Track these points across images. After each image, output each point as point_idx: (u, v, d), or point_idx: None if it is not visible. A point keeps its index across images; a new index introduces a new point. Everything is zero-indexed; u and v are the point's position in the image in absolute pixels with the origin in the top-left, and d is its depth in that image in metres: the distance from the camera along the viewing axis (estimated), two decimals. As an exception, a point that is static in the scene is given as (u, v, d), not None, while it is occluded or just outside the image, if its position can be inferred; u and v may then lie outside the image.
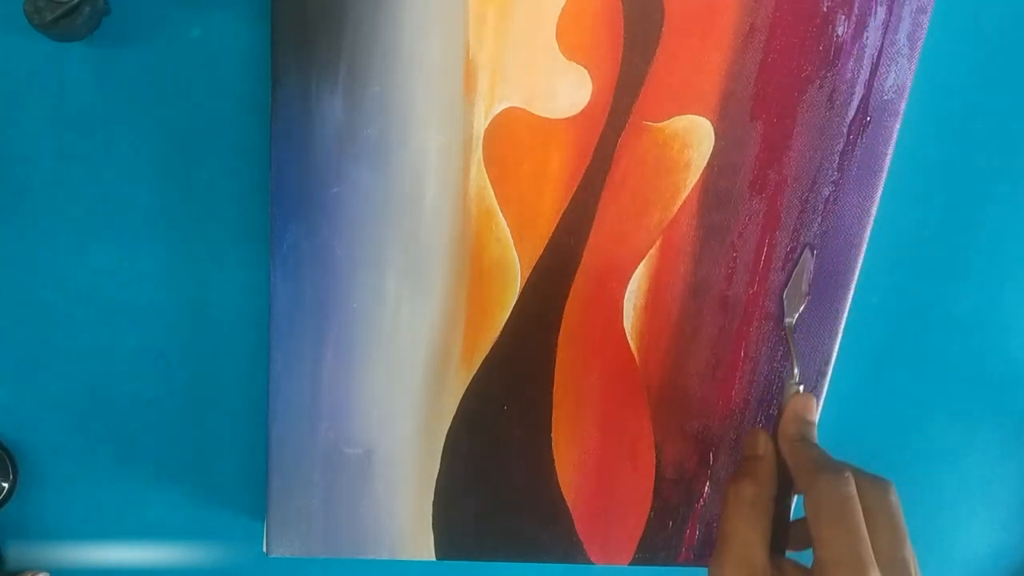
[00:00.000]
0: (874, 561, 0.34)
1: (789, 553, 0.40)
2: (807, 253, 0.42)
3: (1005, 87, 0.43)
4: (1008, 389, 0.50)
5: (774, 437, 0.40)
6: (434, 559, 0.46)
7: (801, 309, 0.43)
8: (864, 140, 0.40)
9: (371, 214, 0.39)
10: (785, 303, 0.42)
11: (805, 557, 0.37)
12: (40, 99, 0.38)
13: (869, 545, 0.34)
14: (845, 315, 0.43)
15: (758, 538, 0.37)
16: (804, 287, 0.42)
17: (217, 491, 0.46)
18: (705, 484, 0.46)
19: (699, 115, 0.39)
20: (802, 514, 0.37)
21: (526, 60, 0.37)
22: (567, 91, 0.38)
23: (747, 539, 0.37)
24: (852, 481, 0.35)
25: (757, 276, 0.42)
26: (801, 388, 0.41)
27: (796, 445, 0.39)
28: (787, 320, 0.43)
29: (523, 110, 0.38)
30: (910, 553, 0.35)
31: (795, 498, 0.41)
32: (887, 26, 0.39)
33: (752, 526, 0.37)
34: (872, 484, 0.36)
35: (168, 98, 0.38)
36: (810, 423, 0.40)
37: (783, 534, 0.40)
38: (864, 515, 0.35)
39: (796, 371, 0.42)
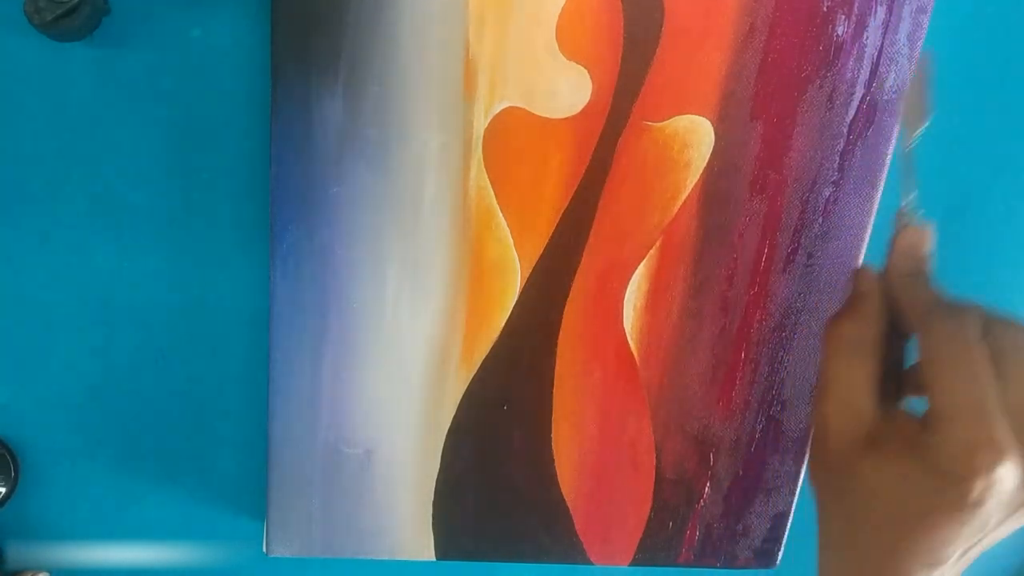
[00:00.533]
0: (997, 411, 0.30)
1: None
2: (923, 56, 0.36)
3: (1005, 87, 0.43)
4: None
5: (884, 274, 0.36)
6: (434, 559, 0.46)
7: (923, 128, 0.36)
8: (864, 140, 0.40)
9: (371, 214, 0.39)
10: (903, 118, 0.37)
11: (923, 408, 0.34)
12: (40, 99, 0.38)
13: (992, 393, 0.30)
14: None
15: (862, 381, 0.34)
16: (926, 100, 0.36)
17: (217, 491, 0.46)
18: (705, 484, 0.46)
19: (699, 115, 0.39)
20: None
21: (526, 60, 0.37)
22: (567, 91, 0.38)
23: (850, 383, 0.34)
24: (977, 322, 0.31)
25: (757, 276, 0.42)
26: (916, 219, 0.36)
27: (908, 282, 0.35)
28: (905, 140, 0.37)
29: (523, 110, 0.38)
30: None
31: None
32: (887, 26, 0.39)
33: (855, 368, 0.34)
34: (1005, 327, 0.31)
35: (168, 98, 0.38)
36: (925, 259, 0.36)
37: (896, 381, 0.35)
38: (995, 361, 0.31)
39: (912, 198, 0.36)
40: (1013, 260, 0.47)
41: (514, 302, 0.41)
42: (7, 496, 0.44)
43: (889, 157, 0.41)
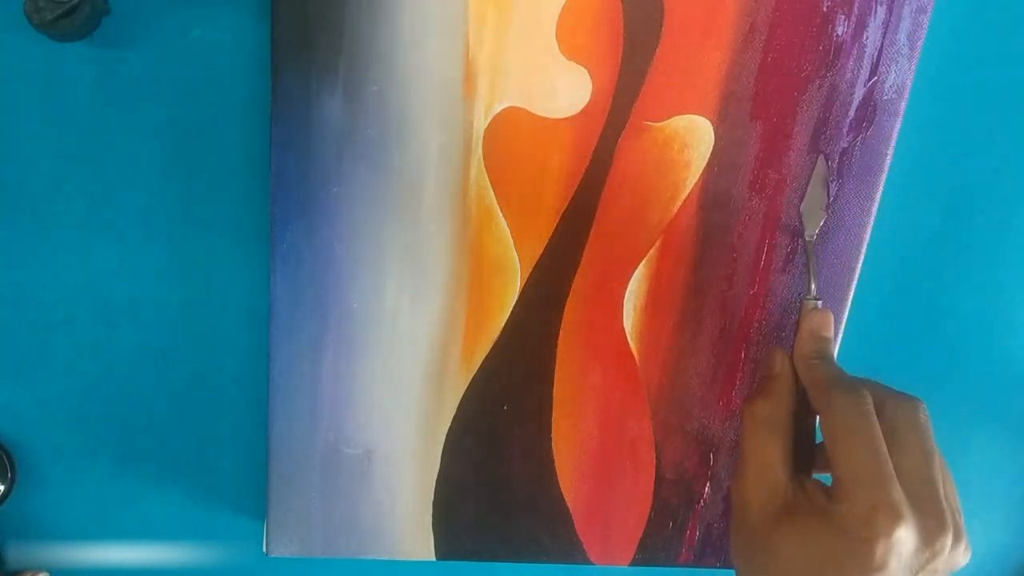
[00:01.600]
0: (894, 477, 0.32)
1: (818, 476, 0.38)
2: (820, 160, 0.39)
3: (1005, 87, 0.43)
4: (1008, 389, 0.50)
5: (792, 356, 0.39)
6: (434, 559, 0.46)
7: (822, 223, 0.40)
8: (864, 140, 0.40)
9: (371, 214, 0.39)
10: (804, 217, 0.40)
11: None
12: (40, 99, 0.38)
13: (888, 461, 0.32)
14: (845, 315, 0.43)
15: (776, 456, 0.36)
16: (823, 199, 0.40)
17: (217, 491, 0.46)
18: (705, 484, 0.46)
19: (699, 115, 0.39)
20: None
21: (526, 60, 0.37)
22: (567, 91, 0.38)
23: (765, 458, 0.36)
24: (868, 398, 0.34)
25: (757, 276, 0.42)
26: (819, 304, 0.39)
27: (812, 363, 0.38)
28: (807, 235, 0.40)
29: (523, 110, 0.38)
30: (939, 472, 0.34)
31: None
32: (887, 26, 0.39)
33: (769, 444, 0.36)
34: (898, 401, 0.34)
35: (168, 98, 0.38)
36: (827, 340, 0.39)
37: (807, 455, 0.38)
38: (889, 434, 0.33)
39: (813, 287, 0.40)
40: (1013, 260, 0.47)
41: (514, 302, 0.41)
42: (4, 495, 0.44)
43: (889, 157, 0.41)
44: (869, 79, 0.39)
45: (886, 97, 0.40)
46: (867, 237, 0.42)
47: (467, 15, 0.36)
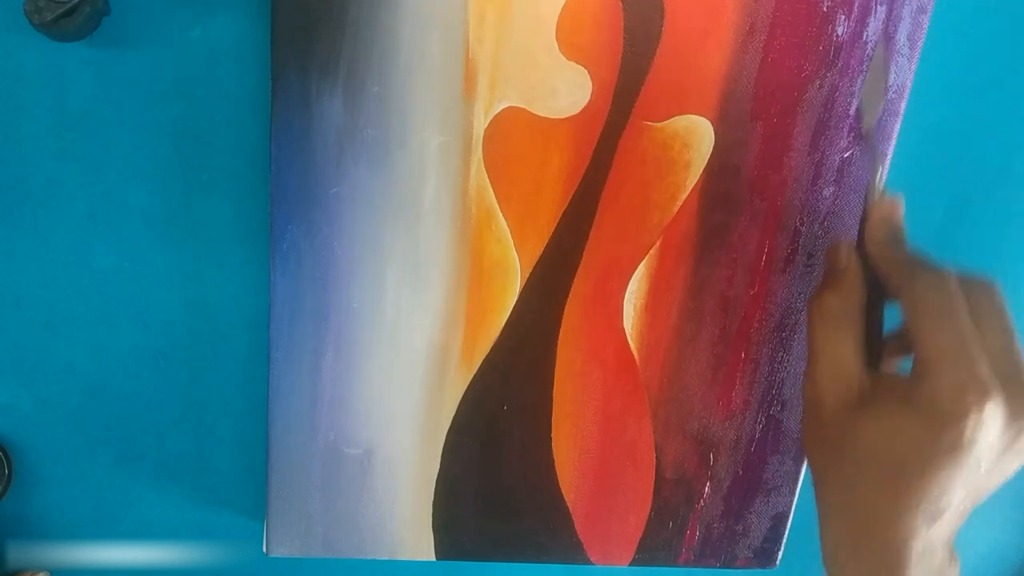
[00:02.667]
0: (982, 354, 0.32)
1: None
2: (879, 50, 0.39)
3: (1005, 87, 0.43)
4: (1008, 389, 0.50)
5: (860, 245, 0.38)
6: (434, 559, 0.46)
7: (881, 107, 0.39)
8: (864, 140, 0.40)
9: (371, 214, 0.39)
10: (862, 104, 0.39)
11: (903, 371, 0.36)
12: (40, 99, 0.38)
13: (975, 339, 0.32)
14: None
15: (849, 350, 0.35)
16: (882, 84, 0.39)
17: (217, 491, 0.46)
18: (705, 484, 0.46)
19: (699, 115, 0.39)
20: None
21: (526, 60, 0.37)
22: (567, 91, 0.38)
23: (838, 352, 0.35)
24: (954, 278, 0.33)
25: (758, 276, 0.42)
26: (887, 192, 0.38)
27: (887, 248, 0.37)
28: (866, 122, 0.39)
29: (523, 110, 0.38)
30: (1020, 350, 0.33)
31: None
32: (887, 26, 0.39)
33: (841, 338, 0.35)
34: (976, 284, 0.33)
35: (168, 98, 0.38)
36: (899, 225, 0.38)
37: (877, 346, 0.37)
38: (972, 314, 0.33)
39: (879, 175, 0.39)
40: (1013, 260, 0.47)
41: (514, 302, 0.41)
42: (1, 494, 0.44)
43: (889, 157, 0.41)
44: (869, 79, 0.39)
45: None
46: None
47: (467, 15, 0.36)
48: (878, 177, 0.39)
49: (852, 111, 0.40)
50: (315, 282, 0.40)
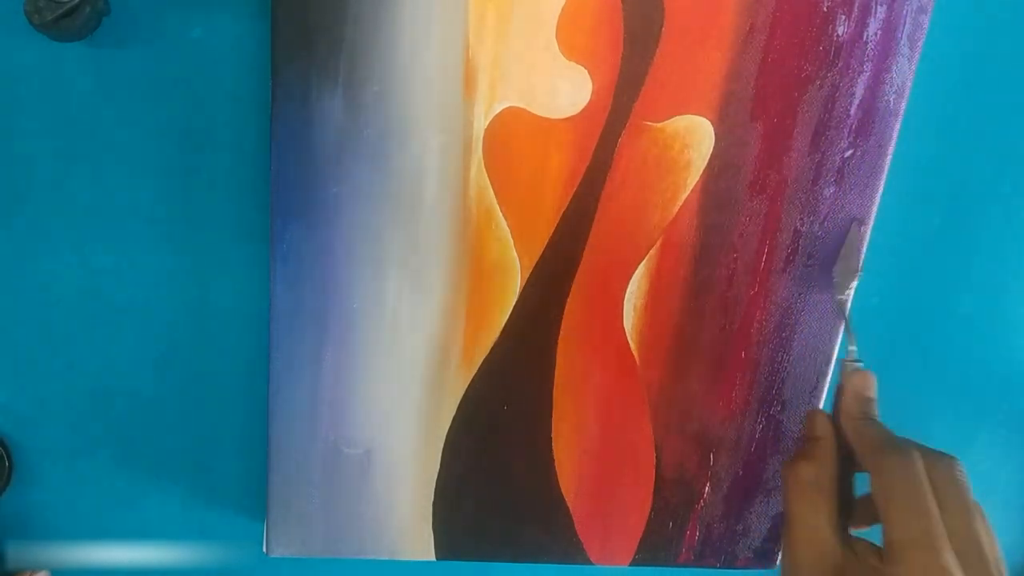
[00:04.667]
0: (946, 540, 0.33)
1: (856, 533, 0.39)
2: (854, 227, 0.41)
3: (1005, 87, 0.43)
4: (1009, 389, 0.50)
5: (834, 416, 0.40)
6: (434, 559, 0.46)
7: (854, 284, 0.41)
8: (864, 140, 0.40)
9: (371, 214, 0.39)
10: (836, 279, 0.42)
11: (870, 535, 0.37)
12: (40, 99, 0.38)
13: (940, 523, 0.33)
14: (845, 316, 0.43)
15: (824, 520, 0.37)
16: (855, 262, 0.41)
17: (217, 491, 0.46)
18: (705, 484, 0.46)
19: (699, 115, 0.39)
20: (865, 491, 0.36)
21: (526, 60, 0.37)
22: (567, 91, 0.38)
23: (813, 522, 0.37)
24: (920, 460, 0.35)
25: (758, 277, 0.42)
26: (860, 365, 0.40)
27: (859, 424, 0.38)
28: (839, 297, 0.42)
29: (523, 110, 0.38)
30: (982, 527, 0.35)
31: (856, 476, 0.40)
32: (887, 26, 0.39)
33: (816, 508, 0.37)
34: (938, 461, 0.35)
35: (168, 98, 0.38)
36: (871, 400, 0.40)
37: (848, 512, 0.39)
38: (934, 494, 0.34)
39: (853, 348, 0.41)
40: (1013, 260, 0.47)
41: (514, 302, 0.41)
42: (0, 491, 0.44)
43: (889, 157, 0.41)
44: (869, 79, 0.39)
45: (886, 97, 0.40)
46: (867, 237, 0.42)
47: (467, 15, 0.36)
48: (852, 350, 0.41)
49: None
50: (315, 282, 0.40)
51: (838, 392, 0.40)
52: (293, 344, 0.41)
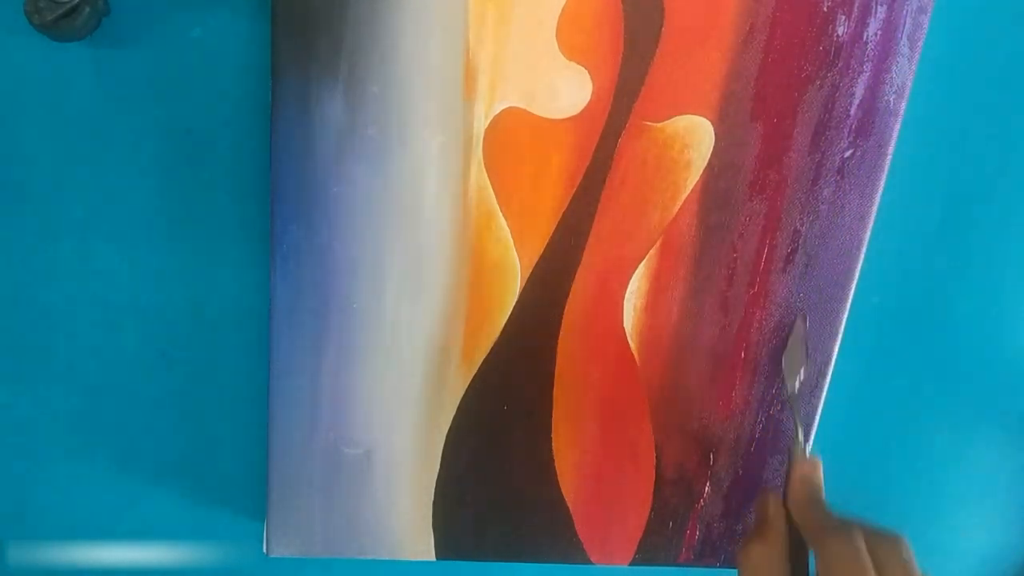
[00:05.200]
0: None
1: None
2: (799, 320, 0.43)
3: (1005, 87, 0.43)
4: (1008, 389, 0.50)
5: (784, 500, 0.41)
6: (434, 559, 0.46)
7: (802, 375, 0.43)
8: (864, 140, 0.40)
9: (371, 214, 0.39)
10: (784, 371, 0.43)
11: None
12: (40, 99, 0.38)
13: None
14: (845, 315, 0.43)
15: None
16: (801, 354, 0.43)
17: (217, 491, 0.46)
18: (705, 484, 0.46)
19: (699, 115, 0.39)
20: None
21: (526, 60, 0.37)
22: (567, 91, 0.38)
23: None
24: (861, 540, 0.36)
25: (758, 277, 0.42)
26: (807, 450, 0.42)
27: (805, 507, 0.40)
28: (788, 388, 0.43)
29: (523, 110, 0.38)
30: None
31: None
32: (887, 26, 0.39)
33: None
34: (883, 540, 0.37)
35: (168, 98, 0.38)
36: (818, 486, 0.41)
37: None
38: (877, 571, 0.36)
39: (800, 436, 0.43)
40: (1013, 260, 0.47)
41: (514, 302, 0.41)
42: None
43: (889, 157, 0.41)
44: (869, 79, 0.39)
45: (886, 97, 0.40)
46: (867, 237, 0.42)
47: (467, 15, 0.36)
48: (799, 439, 0.42)
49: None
50: (315, 282, 0.40)
51: (786, 477, 0.42)
52: (293, 344, 0.41)
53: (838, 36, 0.39)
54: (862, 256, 0.42)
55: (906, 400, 0.49)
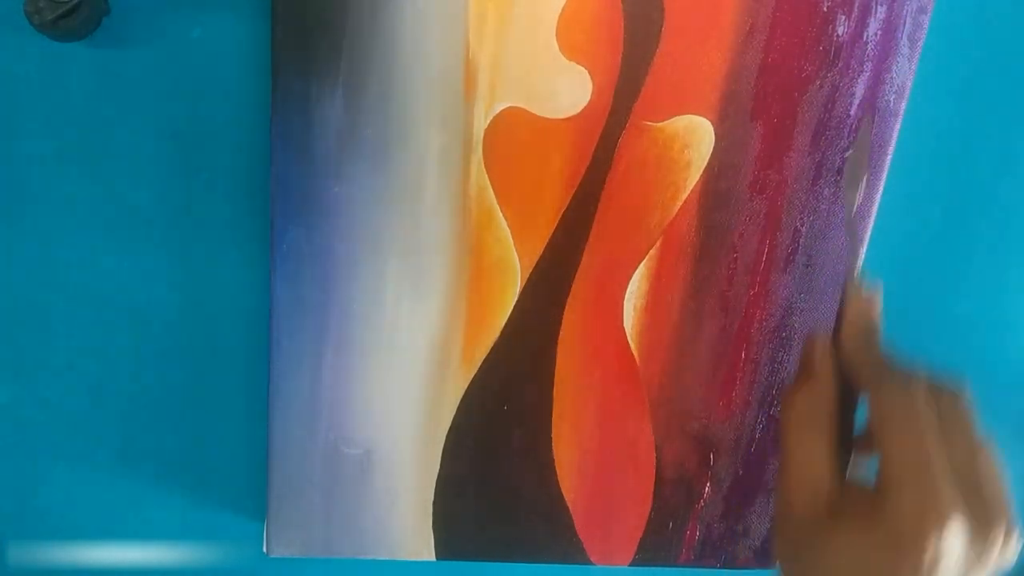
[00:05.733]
0: (946, 475, 0.31)
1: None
2: (866, 123, 0.38)
3: (1005, 87, 0.43)
4: (1008, 389, 0.50)
5: (835, 341, 0.36)
6: (434, 559, 0.46)
7: (862, 191, 0.39)
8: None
9: (371, 214, 0.39)
10: (845, 179, 0.39)
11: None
12: (40, 99, 0.38)
13: (940, 458, 0.31)
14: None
15: (820, 454, 0.34)
16: (865, 159, 0.39)
17: (217, 491, 0.46)
18: (705, 484, 0.46)
19: (699, 115, 0.39)
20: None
21: (526, 60, 0.37)
22: (567, 91, 0.38)
23: (809, 456, 0.34)
24: (922, 391, 0.32)
25: (758, 276, 0.42)
26: (865, 285, 0.37)
27: (859, 348, 0.36)
28: (847, 200, 0.39)
29: (523, 110, 0.38)
30: (987, 465, 0.32)
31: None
32: (887, 26, 0.39)
33: (813, 441, 0.34)
34: (944, 392, 0.33)
35: (168, 98, 0.38)
36: (875, 324, 0.36)
37: (848, 444, 0.36)
38: (939, 423, 0.32)
39: (860, 264, 0.38)
40: (1013, 260, 0.47)
41: (514, 302, 0.41)
42: None
43: (889, 157, 0.41)
44: (869, 79, 0.39)
45: (886, 97, 0.40)
46: (867, 237, 0.42)
47: (467, 15, 0.36)
48: (858, 266, 0.38)
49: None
50: (315, 282, 0.40)
51: (839, 316, 0.37)
52: (293, 344, 0.41)
53: (838, 36, 0.39)
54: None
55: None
